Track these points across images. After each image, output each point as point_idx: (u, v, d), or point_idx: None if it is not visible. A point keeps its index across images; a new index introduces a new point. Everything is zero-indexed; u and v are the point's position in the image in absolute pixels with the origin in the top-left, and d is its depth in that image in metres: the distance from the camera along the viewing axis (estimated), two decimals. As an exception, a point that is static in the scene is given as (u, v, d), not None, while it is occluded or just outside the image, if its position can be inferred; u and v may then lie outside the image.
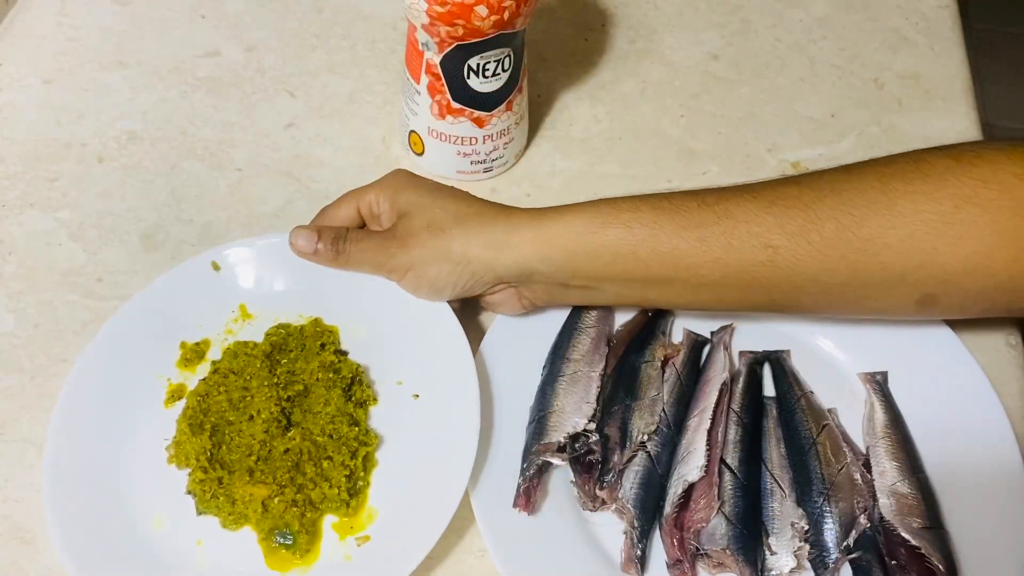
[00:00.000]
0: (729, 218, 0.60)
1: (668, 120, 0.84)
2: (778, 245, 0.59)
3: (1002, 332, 0.71)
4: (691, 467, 0.60)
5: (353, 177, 0.79)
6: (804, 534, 0.59)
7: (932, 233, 0.57)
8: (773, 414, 0.65)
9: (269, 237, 0.69)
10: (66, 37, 0.88)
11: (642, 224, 0.60)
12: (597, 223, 0.61)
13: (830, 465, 0.61)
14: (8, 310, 0.70)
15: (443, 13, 0.66)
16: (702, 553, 0.58)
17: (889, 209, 0.58)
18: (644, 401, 0.64)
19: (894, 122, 0.84)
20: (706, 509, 0.59)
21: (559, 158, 0.81)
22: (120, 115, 0.82)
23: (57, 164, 0.79)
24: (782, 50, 0.90)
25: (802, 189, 0.60)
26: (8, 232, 0.75)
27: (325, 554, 0.59)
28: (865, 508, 0.60)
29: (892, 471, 0.61)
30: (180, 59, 0.87)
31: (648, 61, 0.88)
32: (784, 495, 0.61)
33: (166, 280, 0.68)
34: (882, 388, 0.66)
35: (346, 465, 0.60)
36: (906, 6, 0.93)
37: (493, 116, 0.74)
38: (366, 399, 0.64)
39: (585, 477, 0.61)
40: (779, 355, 0.68)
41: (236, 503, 0.59)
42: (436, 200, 0.65)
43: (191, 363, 0.66)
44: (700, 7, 0.93)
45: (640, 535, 0.59)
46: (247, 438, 0.62)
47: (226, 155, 0.80)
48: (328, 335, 0.66)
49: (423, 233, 0.63)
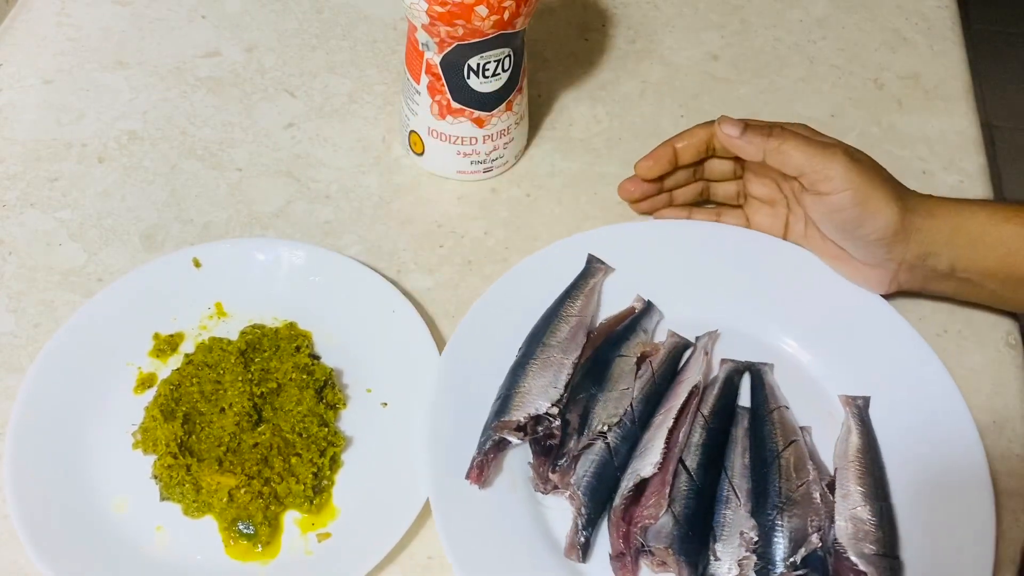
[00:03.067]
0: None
1: (668, 120, 0.84)
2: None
3: (1002, 332, 0.71)
4: (645, 463, 0.61)
5: (353, 177, 0.79)
6: (752, 544, 0.58)
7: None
8: (744, 424, 0.65)
9: (252, 239, 0.71)
10: (66, 37, 0.88)
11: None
12: (999, 217, 0.63)
13: (790, 480, 0.60)
14: (8, 310, 0.70)
15: (443, 13, 0.66)
16: (646, 549, 0.58)
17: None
18: (612, 393, 0.64)
19: (894, 122, 0.84)
20: (655, 506, 0.59)
21: (559, 158, 0.81)
22: (120, 115, 0.83)
23: (57, 164, 0.79)
24: (782, 50, 0.90)
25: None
26: (8, 232, 0.75)
27: (285, 548, 0.60)
28: (819, 528, 0.59)
29: (856, 495, 0.60)
30: (180, 59, 0.87)
31: (648, 61, 0.88)
32: (739, 504, 0.60)
33: (145, 271, 0.69)
34: (861, 413, 0.65)
35: (314, 463, 0.61)
36: (906, 6, 0.93)
37: (493, 116, 0.74)
38: (337, 402, 0.65)
39: (541, 459, 0.62)
40: (760, 367, 0.68)
41: (202, 491, 0.60)
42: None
43: (164, 354, 0.67)
44: (700, 7, 0.93)
45: (586, 522, 0.59)
46: (217, 429, 0.63)
47: (226, 155, 0.80)
48: (303, 339, 0.67)
49: (873, 171, 0.65)
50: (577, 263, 0.71)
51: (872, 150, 0.82)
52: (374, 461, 0.63)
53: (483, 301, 0.68)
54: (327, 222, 0.76)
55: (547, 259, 0.71)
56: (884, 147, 0.82)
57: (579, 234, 0.73)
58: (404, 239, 0.75)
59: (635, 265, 0.71)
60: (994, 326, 0.71)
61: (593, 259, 0.71)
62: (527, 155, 0.81)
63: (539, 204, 0.78)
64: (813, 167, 0.65)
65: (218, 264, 0.70)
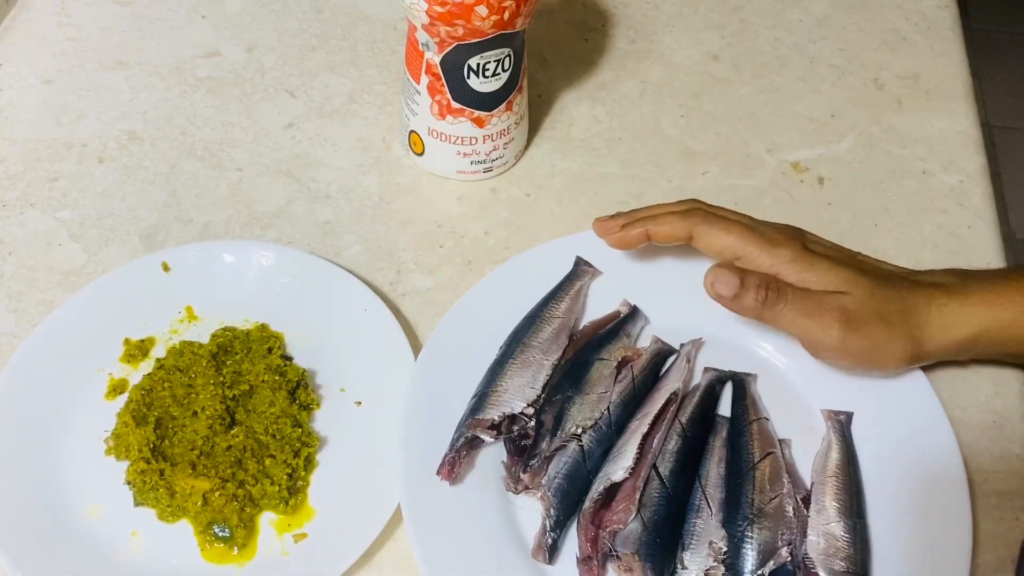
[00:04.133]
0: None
1: (668, 120, 0.84)
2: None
3: (1002, 332, 0.71)
4: (617, 467, 0.60)
5: (353, 177, 0.79)
6: (720, 554, 0.58)
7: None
8: (722, 433, 0.64)
9: (220, 241, 0.71)
10: (66, 37, 0.88)
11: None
12: (1016, 308, 0.62)
13: (764, 492, 0.60)
14: (8, 310, 0.70)
15: (443, 13, 0.66)
16: (613, 554, 0.58)
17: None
18: (590, 396, 0.64)
19: (894, 122, 0.84)
20: (624, 511, 0.59)
21: (559, 158, 0.81)
22: (120, 115, 0.83)
23: (57, 164, 0.79)
24: (782, 50, 0.90)
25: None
26: (8, 232, 0.75)
27: (262, 549, 0.60)
28: (790, 542, 0.58)
29: (830, 510, 0.59)
30: (180, 59, 0.87)
31: (648, 61, 0.88)
32: (711, 513, 0.60)
33: (114, 277, 0.69)
34: (843, 428, 0.64)
35: (288, 464, 0.61)
36: (906, 6, 0.93)
37: (493, 116, 0.74)
38: (310, 403, 0.65)
39: (515, 459, 0.62)
40: (743, 377, 0.67)
41: (176, 495, 0.60)
42: (872, 284, 0.62)
43: (135, 359, 0.67)
44: (700, 7, 0.93)
45: (554, 524, 0.59)
46: (190, 433, 0.63)
47: (226, 155, 0.80)
48: (274, 340, 0.67)
49: (875, 324, 0.61)
50: (564, 265, 0.71)
51: (872, 150, 0.83)
52: (349, 461, 0.63)
53: (464, 301, 0.68)
54: (327, 222, 0.76)
55: (534, 260, 0.70)
56: (884, 147, 0.82)
57: (569, 236, 0.72)
58: (404, 239, 0.75)
59: (624, 269, 0.71)
60: (994, 326, 0.71)
61: (581, 261, 0.71)
62: (527, 155, 0.81)
63: (539, 204, 0.78)
64: (811, 338, 0.62)
65: (187, 268, 0.70)
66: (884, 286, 0.63)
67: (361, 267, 0.73)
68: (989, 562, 0.61)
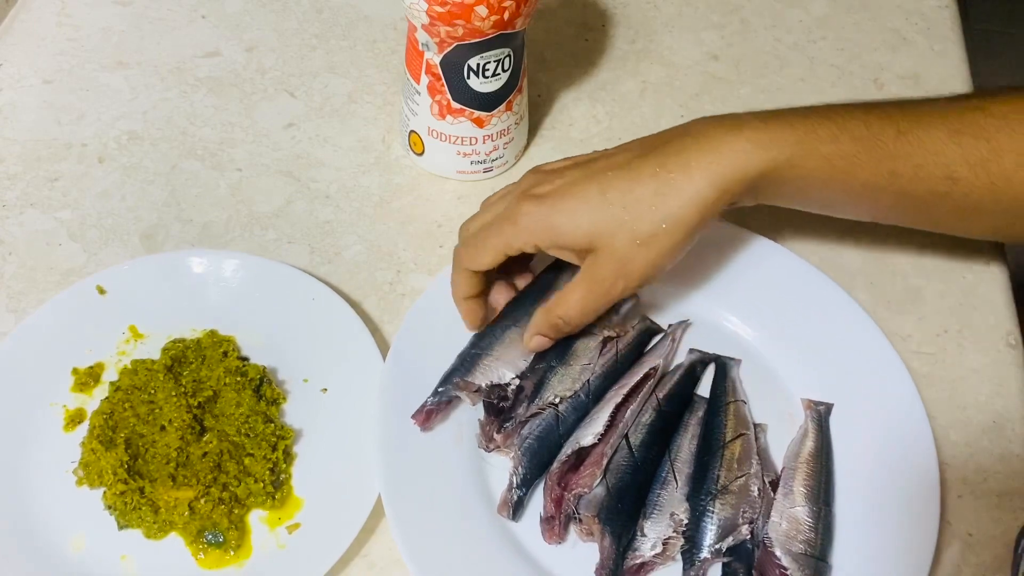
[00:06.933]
0: (920, 149, 0.59)
1: (668, 120, 0.84)
2: (959, 177, 0.59)
3: (1002, 332, 0.71)
4: (587, 433, 0.62)
5: (353, 177, 0.79)
6: (680, 526, 0.59)
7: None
8: (699, 413, 0.65)
9: (152, 256, 0.71)
10: (66, 37, 0.88)
11: (842, 157, 0.60)
12: (799, 155, 0.60)
13: (731, 470, 0.61)
14: (8, 310, 0.70)
15: (443, 13, 0.66)
16: (576, 516, 0.59)
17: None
18: (572, 368, 0.65)
19: (894, 122, 0.84)
20: (590, 476, 0.60)
21: (559, 158, 0.81)
22: (120, 115, 0.83)
23: (57, 164, 0.79)
24: (782, 50, 0.90)
25: (986, 117, 0.60)
26: (8, 232, 0.75)
27: (257, 546, 0.60)
28: (751, 520, 0.59)
29: (797, 495, 0.60)
30: (180, 59, 0.87)
31: (648, 61, 0.88)
32: (676, 487, 0.61)
33: (50, 308, 0.68)
34: (821, 418, 0.64)
35: (268, 459, 0.62)
36: (906, 6, 0.93)
37: (493, 116, 0.74)
38: (276, 397, 0.65)
39: (491, 419, 0.63)
40: (726, 360, 0.68)
41: (160, 510, 0.60)
42: (606, 213, 0.60)
43: (87, 387, 0.66)
44: (700, 7, 0.93)
45: (521, 482, 0.60)
46: (162, 447, 0.62)
47: (226, 155, 0.80)
48: (227, 343, 0.67)
49: (631, 248, 0.59)
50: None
51: (872, 150, 0.82)
52: (327, 446, 0.64)
53: (436, 283, 0.68)
54: (327, 222, 0.76)
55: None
56: (884, 147, 0.82)
57: None
58: (404, 239, 0.75)
59: None
60: (994, 326, 0.71)
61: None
62: (527, 155, 0.81)
63: (539, 204, 0.78)
64: (611, 298, 0.62)
65: (122, 287, 0.69)
66: (606, 205, 0.60)
67: (361, 267, 0.73)
68: (988, 563, 0.61)
